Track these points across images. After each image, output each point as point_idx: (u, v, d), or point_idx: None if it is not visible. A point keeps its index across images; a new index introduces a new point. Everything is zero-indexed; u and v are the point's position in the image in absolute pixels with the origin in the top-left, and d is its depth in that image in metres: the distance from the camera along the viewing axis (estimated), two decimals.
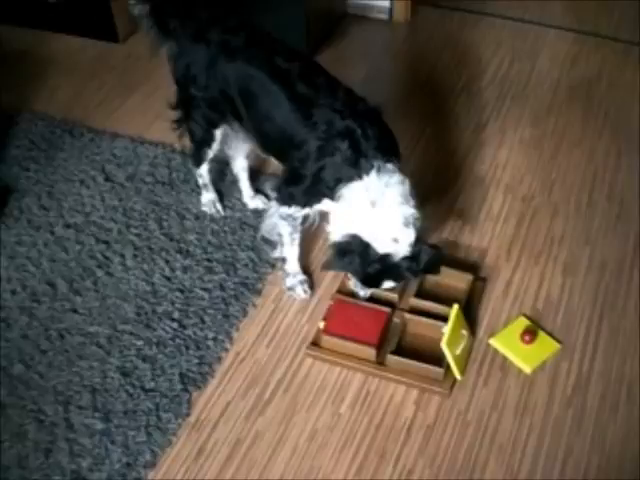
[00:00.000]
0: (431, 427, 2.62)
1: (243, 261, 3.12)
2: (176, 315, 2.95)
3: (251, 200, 3.32)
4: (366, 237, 2.60)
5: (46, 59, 4.21)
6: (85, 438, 2.61)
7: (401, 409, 2.67)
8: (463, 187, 3.47)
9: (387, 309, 2.85)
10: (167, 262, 3.13)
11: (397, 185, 2.61)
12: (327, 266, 2.80)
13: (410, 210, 2.61)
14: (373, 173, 2.59)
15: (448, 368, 2.69)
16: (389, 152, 2.66)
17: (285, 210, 2.82)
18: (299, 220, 2.87)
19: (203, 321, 2.93)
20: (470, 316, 2.90)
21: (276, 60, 2.77)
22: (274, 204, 2.87)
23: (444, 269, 2.98)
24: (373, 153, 2.60)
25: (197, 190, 3.38)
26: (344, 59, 4.22)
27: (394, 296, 2.91)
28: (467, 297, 2.93)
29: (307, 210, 2.82)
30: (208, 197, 3.32)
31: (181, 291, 3.03)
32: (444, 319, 2.76)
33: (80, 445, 2.59)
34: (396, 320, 2.86)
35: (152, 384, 2.74)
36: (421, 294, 2.93)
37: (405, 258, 2.62)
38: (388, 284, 2.72)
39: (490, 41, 4.34)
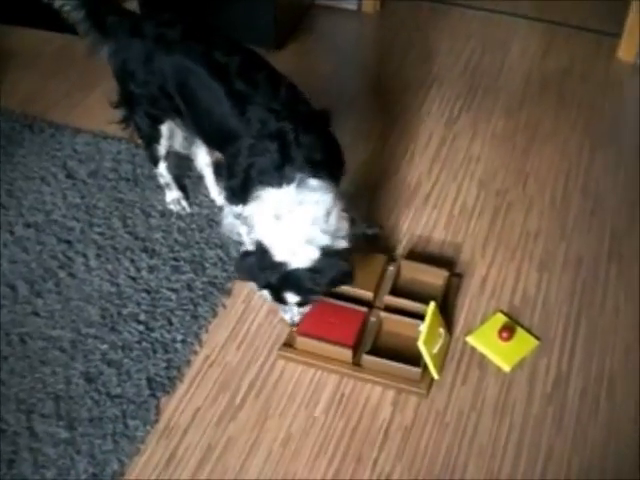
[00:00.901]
0: (409, 429, 2.54)
1: (211, 260, 3.01)
2: (142, 317, 2.84)
3: (219, 196, 3.22)
4: (266, 243, 2.50)
5: (7, 52, 4.06)
6: (49, 448, 2.49)
7: (378, 411, 2.59)
8: (437, 181, 3.40)
9: (364, 309, 2.76)
10: (132, 262, 3.02)
11: (310, 205, 2.46)
12: (235, 269, 2.74)
13: (316, 233, 2.46)
14: (292, 186, 2.46)
15: (425, 368, 2.62)
16: (321, 166, 2.51)
17: (234, 208, 2.73)
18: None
19: (171, 323, 2.82)
20: (446, 313, 2.82)
21: (214, 54, 2.67)
22: (225, 203, 2.80)
23: (419, 265, 2.92)
24: (300, 163, 2.48)
25: (163, 186, 3.26)
26: (313, 51, 4.13)
27: (369, 294, 2.83)
28: (443, 294, 2.86)
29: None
30: (172, 196, 3.21)
31: (147, 292, 2.91)
32: (420, 317, 2.68)
33: (44, 455, 2.47)
34: (372, 319, 2.78)
35: (118, 390, 2.63)
36: (396, 291, 2.84)
37: (309, 270, 2.48)
38: (291, 297, 2.56)
39: (461, 32, 4.27)
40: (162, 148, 3.05)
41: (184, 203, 3.20)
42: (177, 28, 2.76)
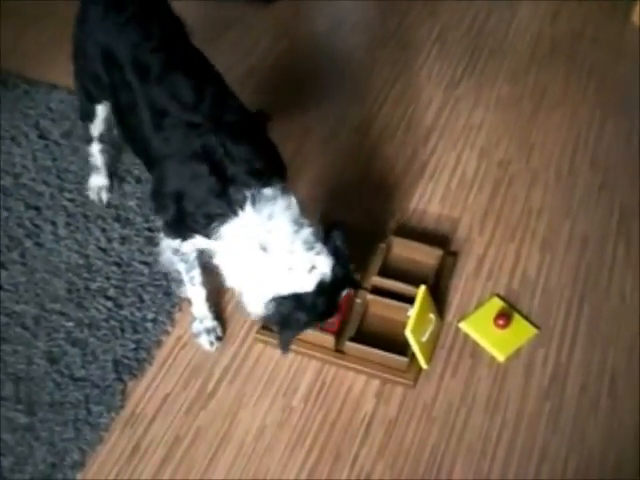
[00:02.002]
0: (393, 423, 2.37)
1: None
2: (111, 292, 2.65)
3: None
4: (277, 285, 2.16)
5: None
6: (7, 433, 2.34)
7: (360, 402, 2.41)
8: (434, 149, 3.18)
9: (350, 291, 2.55)
10: (103, 231, 2.82)
11: (283, 213, 2.14)
12: (284, 348, 2.28)
13: (307, 230, 2.17)
14: (248, 207, 2.11)
15: (413, 356, 2.43)
16: (265, 170, 2.17)
17: (171, 243, 2.38)
18: (192, 255, 2.43)
19: (142, 300, 2.63)
20: (439, 296, 2.64)
21: (143, 47, 2.32)
22: (162, 236, 2.43)
23: (411, 243, 2.72)
24: (243, 179, 2.12)
25: None
26: (307, 6, 3.88)
27: (356, 274, 2.62)
28: (436, 275, 2.66)
29: (188, 244, 2.35)
30: (96, 182, 2.93)
31: (118, 265, 2.72)
32: (410, 299, 2.49)
33: (1, 441, 2.33)
34: (358, 301, 2.58)
35: (82, 372, 2.46)
36: (385, 272, 2.64)
37: (333, 267, 2.20)
38: (343, 294, 2.30)
39: None
40: (95, 129, 2.79)
41: (104, 195, 2.91)
42: (127, 10, 2.40)
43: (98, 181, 2.92)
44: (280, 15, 3.76)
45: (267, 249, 2.13)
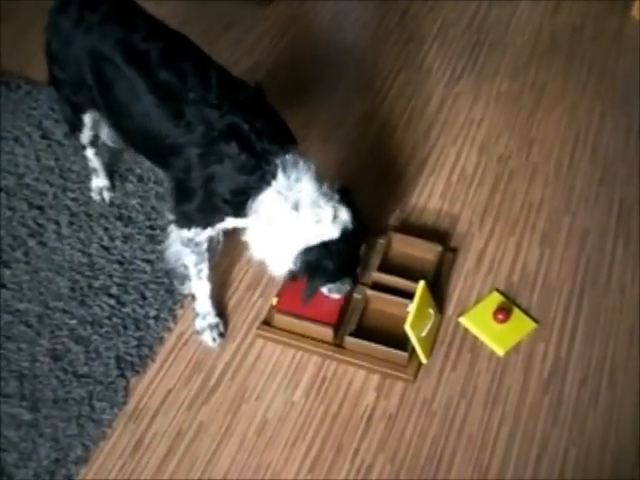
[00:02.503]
0: (393, 417, 2.38)
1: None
2: (114, 290, 2.67)
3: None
4: (307, 238, 2.27)
5: None
6: (11, 430, 2.36)
7: (361, 397, 2.43)
8: (435, 144, 3.19)
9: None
10: (106, 230, 2.84)
11: (307, 174, 2.25)
12: (309, 296, 2.38)
13: (325, 186, 2.28)
14: (280, 174, 2.21)
15: (413, 351, 2.45)
16: (283, 139, 2.28)
17: (185, 234, 2.42)
18: (204, 245, 2.46)
19: (144, 297, 2.65)
20: (438, 291, 2.65)
21: (133, 38, 2.34)
22: (173, 228, 2.46)
23: (411, 239, 2.73)
24: (270, 150, 2.21)
25: None
26: (307, 6, 3.88)
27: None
28: (435, 270, 2.67)
29: (209, 231, 2.42)
30: (97, 183, 2.95)
31: (120, 263, 2.74)
32: (410, 295, 2.50)
33: (5, 438, 2.35)
34: (357, 296, 2.60)
35: (85, 369, 2.48)
36: (385, 267, 2.66)
37: (353, 218, 2.33)
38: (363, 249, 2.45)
39: None
40: (85, 137, 2.80)
41: (106, 194, 2.93)
42: (101, 8, 2.41)
43: (99, 182, 2.94)
44: (281, 13, 3.77)
45: (299, 207, 2.24)
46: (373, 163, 3.09)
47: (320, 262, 2.29)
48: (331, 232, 2.27)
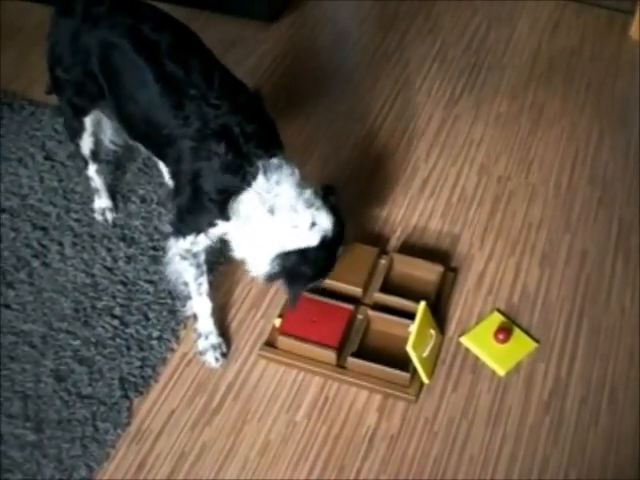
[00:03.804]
0: (395, 437, 2.39)
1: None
2: (117, 311, 2.68)
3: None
4: (283, 243, 2.30)
5: None
6: (15, 451, 2.36)
7: (363, 417, 2.44)
8: (434, 166, 3.22)
9: (350, 306, 2.60)
10: (109, 251, 2.86)
11: (288, 179, 2.29)
12: (292, 302, 2.43)
13: (308, 191, 2.31)
14: (260, 176, 2.26)
15: (415, 371, 2.46)
16: (270, 144, 2.33)
17: (182, 244, 2.45)
18: (202, 256, 2.49)
19: (147, 318, 2.67)
20: (439, 311, 2.67)
21: (143, 28, 2.40)
22: (171, 241, 2.49)
23: (413, 259, 2.76)
24: (255, 152, 2.26)
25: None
26: (309, 23, 3.92)
27: (358, 290, 2.66)
28: (437, 290, 2.69)
29: (204, 239, 2.43)
30: (99, 203, 2.97)
31: (124, 284, 2.76)
32: (411, 315, 2.52)
33: (9, 458, 2.35)
34: (359, 317, 2.62)
35: (89, 390, 2.49)
36: (387, 288, 2.68)
37: (334, 224, 2.34)
38: (340, 251, 2.43)
39: (465, 6, 4.04)
40: (86, 145, 2.82)
41: (109, 215, 2.95)
42: (105, 3, 2.48)
43: (101, 203, 2.96)
44: (282, 35, 3.81)
45: (274, 211, 2.26)
46: (373, 185, 3.11)
47: (297, 268, 2.32)
48: (309, 239, 2.29)
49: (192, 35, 2.49)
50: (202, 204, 2.32)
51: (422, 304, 2.47)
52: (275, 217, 2.27)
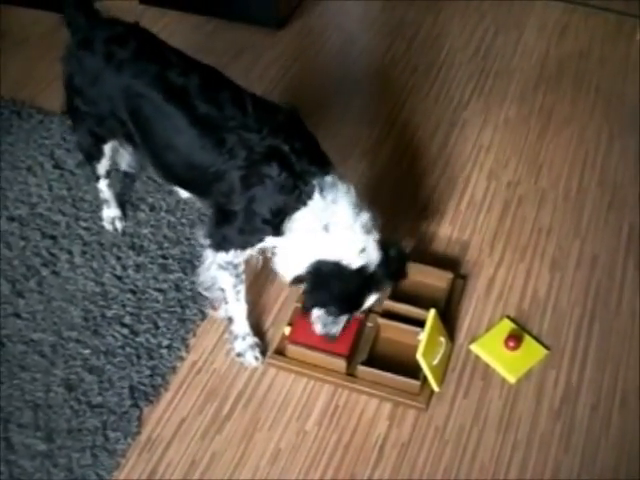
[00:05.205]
0: (406, 445, 2.38)
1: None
2: (127, 320, 2.69)
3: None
4: (321, 251, 2.29)
5: None
6: (26, 460, 2.37)
7: (373, 425, 2.43)
8: (444, 171, 3.21)
9: (360, 315, 2.59)
10: (118, 259, 2.86)
11: (345, 197, 2.29)
12: (307, 307, 2.42)
13: (366, 215, 2.31)
14: (316, 194, 2.26)
15: (425, 379, 2.45)
16: (322, 162, 2.32)
17: (223, 257, 2.45)
18: (241, 267, 2.50)
19: (157, 326, 2.67)
20: (449, 319, 2.66)
21: (169, 75, 2.39)
22: (209, 253, 2.49)
23: (422, 267, 2.75)
24: (308, 170, 2.27)
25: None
26: (316, 30, 3.93)
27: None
28: (446, 298, 2.68)
29: (248, 252, 2.45)
30: (109, 213, 2.97)
31: (133, 292, 2.76)
32: (421, 323, 2.51)
33: (20, 468, 2.35)
34: (369, 324, 2.61)
35: (99, 399, 2.49)
36: (397, 295, 2.67)
37: (379, 264, 2.33)
38: (371, 299, 2.40)
39: (472, 11, 4.05)
40: (102, 167, 2.84)
41: (118, 224, 2.96)
42: (129, 45, 2.47)
43: (110, 212, 2.97)
44: (290, 41, 3.82)
45: (329, 228, 2.27)
46: (382, 192, 3.10)
47: (327, 277, 2.30)
48: (352, 259, 2.28)
49: (216, 72, 2.48)
50: (255, 226, 2.32)
51: (432, 311, 2.47)
52: (329, 234, 2.27)
